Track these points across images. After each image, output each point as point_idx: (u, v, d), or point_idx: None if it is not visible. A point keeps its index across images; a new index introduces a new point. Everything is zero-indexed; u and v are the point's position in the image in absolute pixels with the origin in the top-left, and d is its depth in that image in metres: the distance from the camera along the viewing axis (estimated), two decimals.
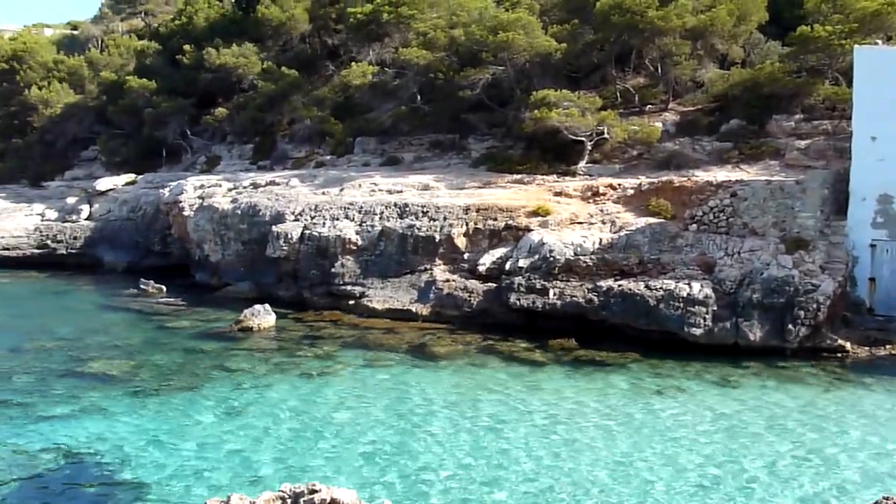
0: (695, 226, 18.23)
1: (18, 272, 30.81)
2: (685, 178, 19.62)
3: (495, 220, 20.05)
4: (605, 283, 17.27)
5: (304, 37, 36.90)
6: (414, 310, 19.51)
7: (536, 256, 18.49)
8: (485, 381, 14.37)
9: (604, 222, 19.14)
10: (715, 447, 11.21)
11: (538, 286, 17.82)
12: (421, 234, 20.28)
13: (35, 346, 17.08)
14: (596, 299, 17.18)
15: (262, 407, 12.96)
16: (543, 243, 18.56)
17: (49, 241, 32.75)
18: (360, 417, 12.41)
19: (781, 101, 21.98)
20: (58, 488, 9.67)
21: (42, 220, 34.23)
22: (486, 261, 19.55)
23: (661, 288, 16.60)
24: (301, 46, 37.09)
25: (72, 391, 13.79)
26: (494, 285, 18.86)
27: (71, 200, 34.60)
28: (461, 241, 20.06)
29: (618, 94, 25.40)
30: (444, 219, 20.36)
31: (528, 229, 19.46)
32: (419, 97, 29.18)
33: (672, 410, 12.78)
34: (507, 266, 18.88)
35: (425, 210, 20.80)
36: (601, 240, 18.28)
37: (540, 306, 17.69)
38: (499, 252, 19.63)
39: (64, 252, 32.42)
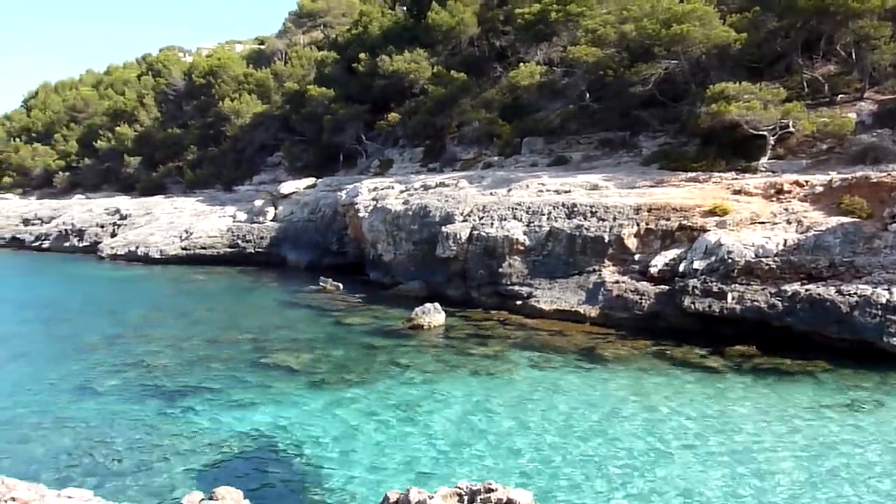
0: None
1: (213, 268, 33.71)
2: (885, 174, 17.82)
3: (668, 219, 19.29)
4: (790, 288, 16.08)
5: (472, 40, 37.45)
6: (582, 311, 19.19)
7: (713, 258, 17.59)
8: (658, 388, 13.82)
9: (789, 222, 17.83)
10: None
11: (715, 289, 16.93)
12: (589, 234, 19.91)
13: (227, 338, 18.51)
14: (780, 304, 16.03)
15: (433, 403, 13.23)
16: (721, 244, 17.62)
17: (239, 241, 35.54)
18: (530, 419, 12.33)
19: None
20: (245, 472, 10.34)
21: (233, 222, 37.18)
22: (658, 262, 18.86)
23: (855, 293, 15.20)
24: (469, 49, 37.67)
25: (258, 381, 14.75)
26: (667, 288, 18.14)
27: (258, 203, 37.26)
28: (631, 242, 19.48)
29: (804, 84, 23.63)
30: (614, 219, 19.86)
31: (703, 229, 18.55)
32: (588, 95, 28.73)
33: (871, 428, 11.65)
34: (681, 268, 18.11)
35: (594, 210, 20.39)
36: (786, 241, 17.05)
37: (717, 311, 16.79)
38: (672, 253, 18.87)
39: (252, 251, 35.08)
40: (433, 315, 19.44)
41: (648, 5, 25.85)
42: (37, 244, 49.02)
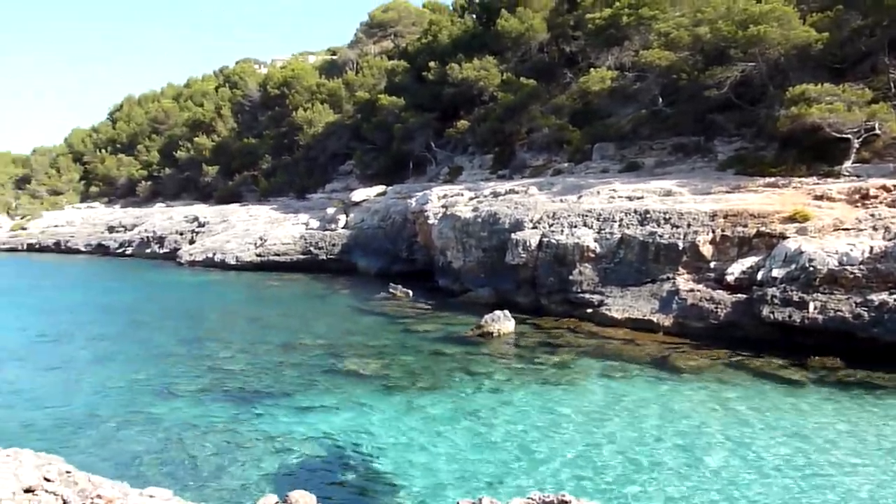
0: None
1: (286, 275, 34.45)
2: None
3: (745, 226, 18.72)
4: (877, 297, 15.35)
5: (542, 46, 37.32)
6: (655, 320, 18.80)
7: (793, 266, 16.96)
8: (738, 401, 13.39)
9: (875, 228, 17.05)
10: None
11: (795, 299, 16.32)
12: (663, 241, 19.50)
13: (300, 344, 18.85)
14: (866, 314, 15.32)
15: (502, 411, 13.15)
16: (801, 252, 16.98)
17: (311, 248, 36.21)
18: (604, 430, 12.12)
19: None
20: (318, 477, 10.47)
21: (306, 229, 37.91)
22: (735, 270, 18.32)
23: None
24: (539, 56, 37.53)
25: (330, 385, 14.95)
26: (744, 296, 17.59)
27: (330, 211, 37.90)
28: (707, 249, 18.99)
29: (892, 84, 22.59)
30: (688, 225, 19.40)
31: (783, 236, 17.93)
32: (661, 100, 28.21)
33: None
34: (759, 276, 17.54)
35: (667, 216, 19.97)
36: (872, 248, 16.28)
37: (798, 321, 16.17)
38: (749, 261, 18.30)
39: (324, 258, 35.70)
40: (503, 322, 19.34)
41: (724, 7, 25.21)
42: (120, 251, 51.12)
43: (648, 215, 20.39)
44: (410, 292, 26.13)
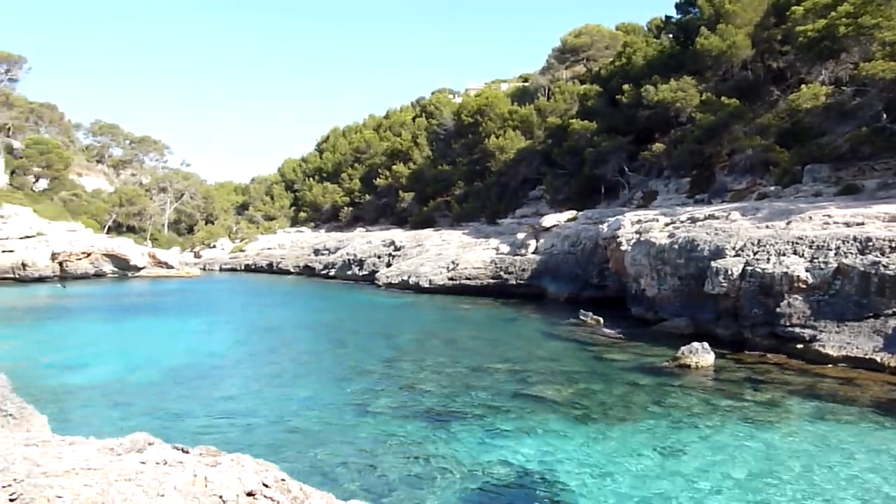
0: None
1: (476, 299, 35.04)
2: None
3: None
4: None
5: (745, 63, 35.36)
6: (878, 359, 16.92)
7: None
8: None
9: None
10: None
11: None
12: (888, 272, 17.56)
13: (490, 367, 18.97)
14: None
15: (700, 449, 12.36)
16: None
17: (501, 272, 36.58)
18: (816, 478, 11.01)
19: None
20: (506, 501, 10.39)
21: (496, 254, 38.38)
22: None
23: None
24: (742, 74, 35.60)
25: (520, 410, 14.86)
26: None
27: (520, 236, 38.14)
28: None
29: None
30: None
31: None
32: (884, 116, 25.66)
33: None
34: None
35: (894, 245, 17.98)
36: None
37: None
38: None
39: (513, 282, 35.93)
40: (701, 355, 18.32)
41: None
42: (324, 272, 54.65)
43: (870, 243, 18.49)
44: (601, 319, 25.56)
